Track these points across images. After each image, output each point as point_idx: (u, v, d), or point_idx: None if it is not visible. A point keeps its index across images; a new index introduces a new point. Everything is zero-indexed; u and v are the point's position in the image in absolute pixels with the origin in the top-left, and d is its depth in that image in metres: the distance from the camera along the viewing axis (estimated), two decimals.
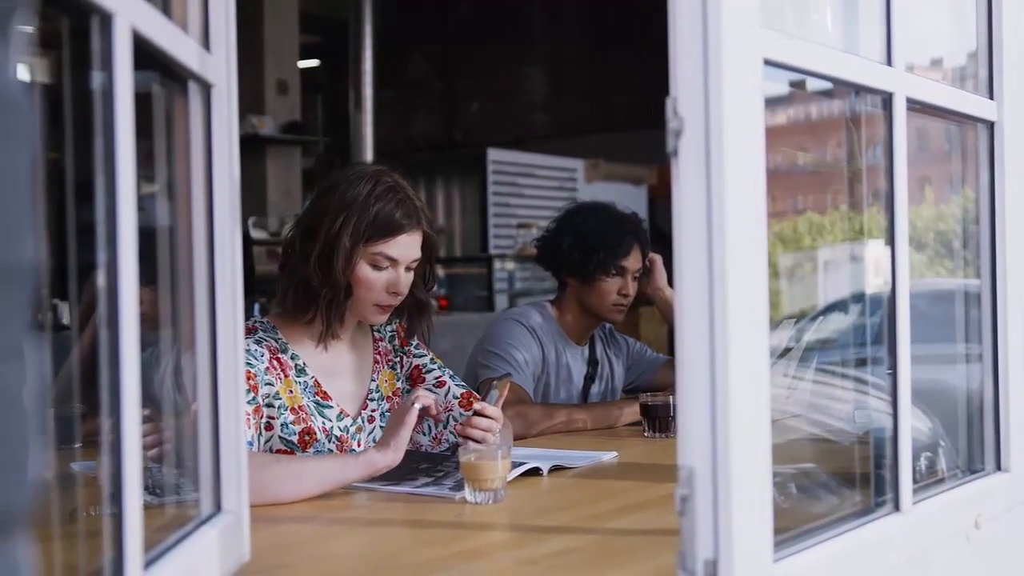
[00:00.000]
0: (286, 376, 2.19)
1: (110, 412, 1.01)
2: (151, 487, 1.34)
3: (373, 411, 2.33)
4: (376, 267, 2.19)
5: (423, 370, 2.42)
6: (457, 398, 2.36)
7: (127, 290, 1.01)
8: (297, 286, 2.20)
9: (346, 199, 2.17)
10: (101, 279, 1.00)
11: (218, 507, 1.37)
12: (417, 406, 1.99)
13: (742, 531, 1.16)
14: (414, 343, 2.45)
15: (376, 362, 2.37)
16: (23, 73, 0.56)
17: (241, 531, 1.41)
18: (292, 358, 2.23)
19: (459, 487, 1.91)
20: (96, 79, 1.00)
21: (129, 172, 1.01)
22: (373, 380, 2.35)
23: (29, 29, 0.59)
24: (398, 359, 2.42)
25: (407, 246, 2.22)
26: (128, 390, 1.01)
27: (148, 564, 1.09)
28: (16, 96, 0.55)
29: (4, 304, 0.53)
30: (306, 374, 2.23)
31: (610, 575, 1.47)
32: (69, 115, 1.05)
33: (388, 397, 2.36)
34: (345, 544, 1.68)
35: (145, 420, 1.39)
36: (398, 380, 2.40)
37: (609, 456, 2.36)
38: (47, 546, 0.98)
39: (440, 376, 2.42)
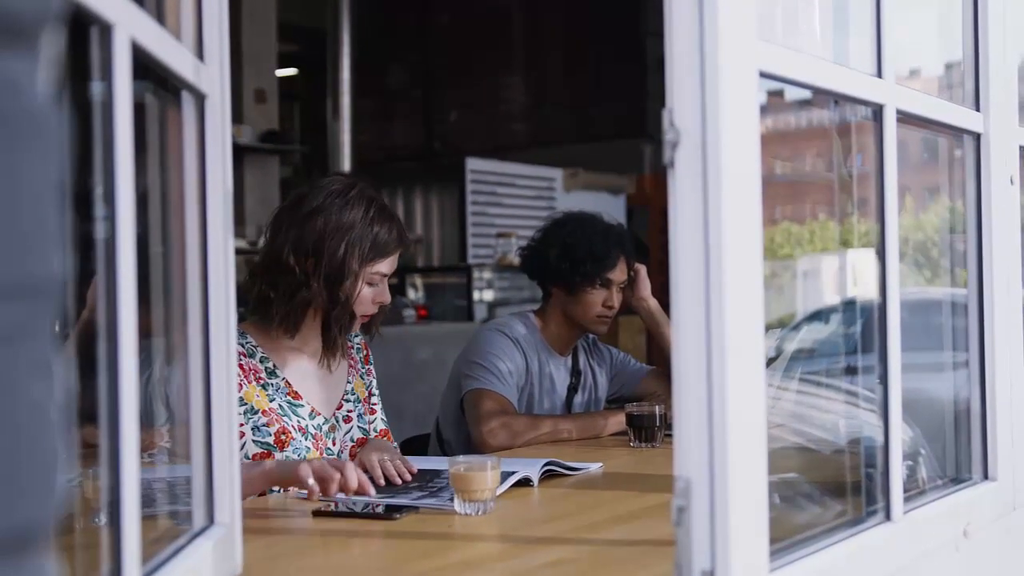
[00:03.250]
0: (250, 382, 2.24)
1: (108, 424, 1.00)
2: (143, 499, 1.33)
3: (349, 411, 2.40)
4: (370, 284, 2.29)
5: (372, 392, 2.52)
6: (376, 432, 2.44)
7: (126, 301, 1.00)
8: (300, 307, 2.25)
9: (344, 223, 2.24)
10: (99, 290, 1.00)
11: (211, 519, 1.36)
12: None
13: (739, 541, 1.16)
14: (371, 362, 2.54)
15: (351, 366, 2.45)
16: (51, 85, 0.56)
17: (234, 543, 1.40)
18: (261, 361, 2.28)
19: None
20: (95, 89, 1.00)
21: (128, 181, 1.01)
22: (349, 382, 2.42)
23: (58, 41, 0.59)
24: (365, 370, 2.51)
25: (395, 261, 2.33)
26: (126, 402, 1.00)
27: None
28: (44, 111, 0.55)
29: (33, 318, 0.53)
30: (277, 376, 2.28)
31: None
32: (66, 124, 1.04)
33: (364, 400, 2.45)
34: (336, 556, 1.68)
35: None
36: (366, 389, 2.48)
37: (596, 467, 2.36)
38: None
39: (375, 405, 2.51)
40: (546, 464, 2.20)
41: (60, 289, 0.56)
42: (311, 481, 1.89)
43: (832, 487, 1.74)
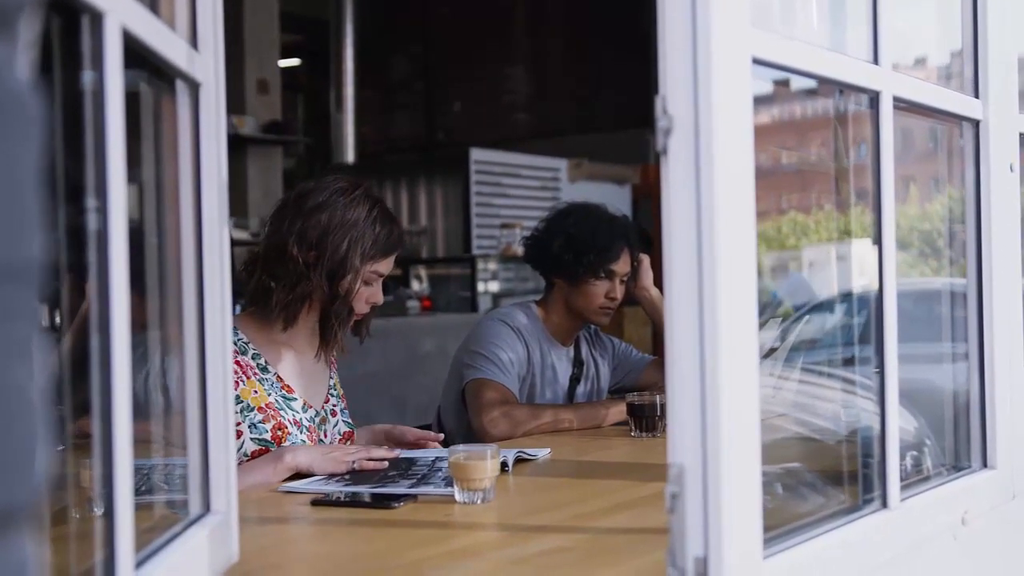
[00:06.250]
0: (248, 378, 2.25)
1: (101, 414, 1.00)
2: (139, 488, 1.33)
3: (334, 406, 2.45)
4: (366, 283, 2.32)
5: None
6: (340, 435, 2.45)
7: (117, 292, 1.00)
8: (299, 299, 2.27)
9: (348, 219, 2.27)
10: (92, 281, 1.00)
11: (207, 507, 1.36)
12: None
13: (732, 528, 1.16)
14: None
15: (332, 364, 2.49)
16: (29, 70, 0.56)
17: (230, 531, 1.40)
18: (253, 358, 2.30)
19: (452, 483, 1.91)
20: (85, 78, 1.00)
21: (120, 172, 1.01)
22: (331, 378, 2.47)
23: (36, 26, 0.59)
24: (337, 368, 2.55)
25: (392, 262, 2.37)
26: (119, 391, 1.00)
27: (139, 564, 1.09)
28: (22, 95, 0.55)
29: (12, 301, 0.53)
30: (269, 371, 2.30)
31: (600, 573, 1.47)
32: (56, 114, 1.04)
33: (342, 396, 2.49)
34: (334, 544, 1.68)
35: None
36: (341, 386, 2.53)
37: (543, 453, 2.37)
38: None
39: (344, 406, 2.52)
40: (517, 452, 2.24)
41: (41, 273, 0.56)
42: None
43: (832, 476, 1.74)
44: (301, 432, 2.28)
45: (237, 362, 2.24)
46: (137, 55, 1.12)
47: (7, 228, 0.53)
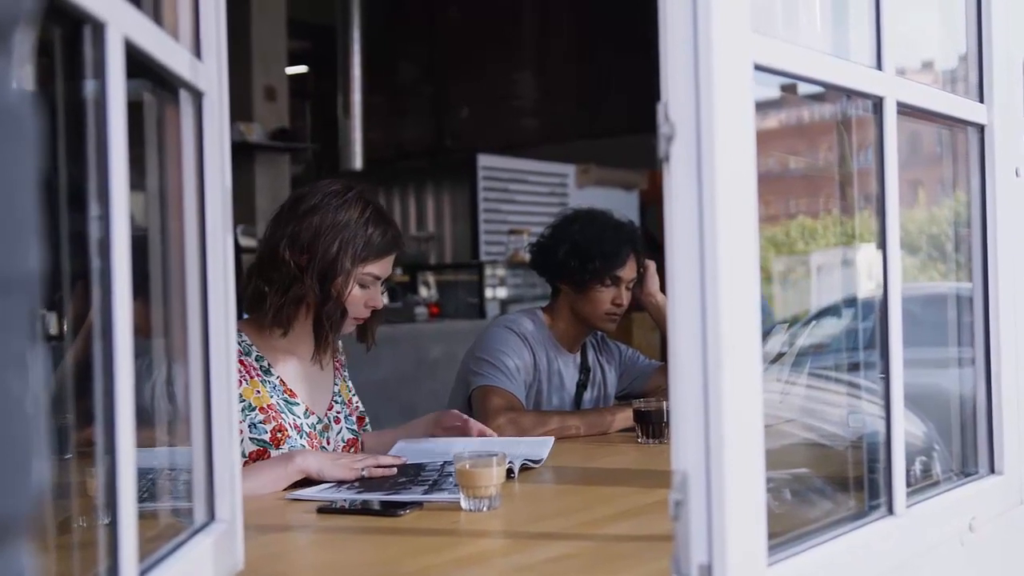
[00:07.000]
0: (252, 378, 2.26)
1: (104, 422, 1.00)
2: (142, 495, 1.33)
3: (338, 413, 2.44)
4: (362, 286, 2.31)
5: (352, 397, 2.54)
6: (344, 442, 2.44)
7: (120, 300, 1.00)
8: (292, 302, 2.27)
9: (339, 221, 2.27)
10: (95, 289, 1.00)
11: (212, 516, 1.36)
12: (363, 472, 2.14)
13: (736, 535, 1.16)
14: (345, 368, 2.55)
15: (337, 370, 2.48)
16: (25, 83, 0.57)
17: (235, 540, 1.40)
18: (257, 360, 2.30)
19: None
20: (88, 87, 1.00)
21: (122, 181, 1.01)
22: (335, 384, 2.46)
23: (31, 39, 0.59)
24: (347, 373, 2.54)
25: (390, 265, 2.36)
26: (122, 400, 1.01)
27: (143, 573, 1.09)
28: (19, 106, 0.55)
29: (8, 312, 0.53)
30: (272, 375, 2.30)
31: None
32: (60, 123, 1.04)
33: (348, 402, 2.48)
34: (339, 553, 1.68)
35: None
36: (350, 392, 2.52)
37: (548, 445, 2.37)
38: (41, 556, 0.97)
39: (350, 413, 2.51)
40: (523, 464, 2.22)
41: (39, 285, 0.56)
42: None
43: (839, 481, 1.73)
44: (301, 437, 2.27)
45: (241, 362, 2.24)
46: (140, 64, 1.12)
47: (4, 241, 0.53)
